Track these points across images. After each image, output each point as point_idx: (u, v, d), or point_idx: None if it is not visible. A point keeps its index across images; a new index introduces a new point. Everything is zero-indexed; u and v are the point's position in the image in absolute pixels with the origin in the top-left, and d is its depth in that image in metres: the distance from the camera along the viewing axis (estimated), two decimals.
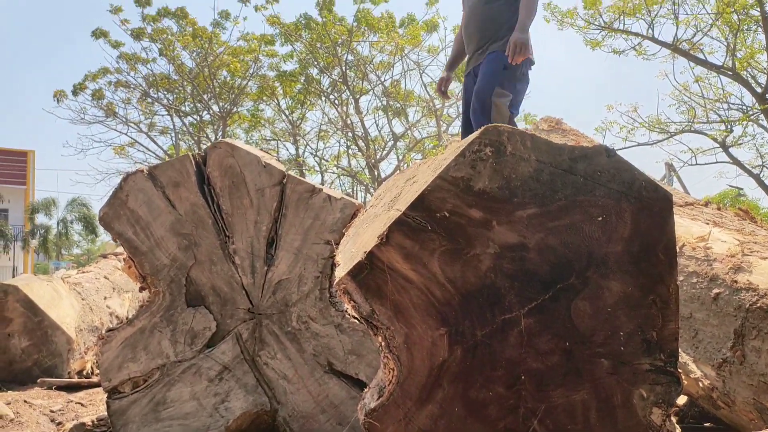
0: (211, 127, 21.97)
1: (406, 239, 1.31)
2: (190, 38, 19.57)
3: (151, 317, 1.89)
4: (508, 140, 1.28)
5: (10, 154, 40.74)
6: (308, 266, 1.86)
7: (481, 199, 1.27)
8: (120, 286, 5.20)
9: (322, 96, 20.09)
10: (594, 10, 15.96)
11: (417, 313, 1.32)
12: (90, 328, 4.38)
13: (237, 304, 1.90)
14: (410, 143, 19.52)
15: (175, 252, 1.89)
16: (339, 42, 18.43)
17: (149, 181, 1.90)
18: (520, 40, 3.44)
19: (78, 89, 20.60)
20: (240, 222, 1.89)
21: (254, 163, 1.88)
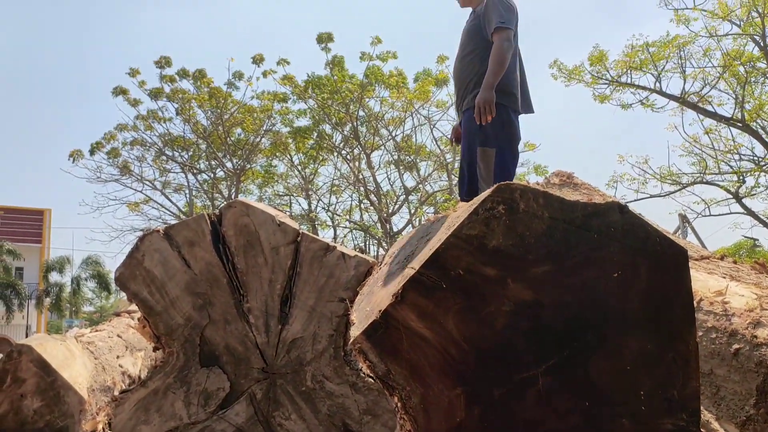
0: (225, 184, 22.26)
1: (421, 298, 1.30)
2: (205, 98, 20.07)
3: (165, 378, 1.88)
4: (520, 198, 1.29)
5: (27, 212, 41.35)
6: (323, 324, 1.85)
7: (496, 256, 1.27)
8: (133, 344, 5.18)
9: (334, 151, 20.38)
10: (600, 65, 16.23)
11: (433, 372, 1.31)
12: (102, 388, 4.34)
13: (251, 364, 1.89)
14: (422, 197, 19.63)
15: (190, 311, 1.89)
16: (351, 99, 18.81)
17: (165, 240, 1.92)
18: (483, 100, 3.41)
19: (95, 149, 21.06)
20: (254, 280, 1.90)
21: (269, 222, 1.90)
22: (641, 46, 16.23)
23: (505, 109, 3.54)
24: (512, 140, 3.58)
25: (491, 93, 3.41)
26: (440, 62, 18.43)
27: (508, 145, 3.52)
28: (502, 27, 3.46)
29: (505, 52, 3.44)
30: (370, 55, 18.31)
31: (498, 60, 3.45)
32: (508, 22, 3.49)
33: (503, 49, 3.44)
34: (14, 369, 4.17)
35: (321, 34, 18.03)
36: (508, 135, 3.54)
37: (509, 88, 3.57)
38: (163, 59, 20.00)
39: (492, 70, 3.44)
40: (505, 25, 3.47)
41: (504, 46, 3.44)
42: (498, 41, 3.47)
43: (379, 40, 18.16)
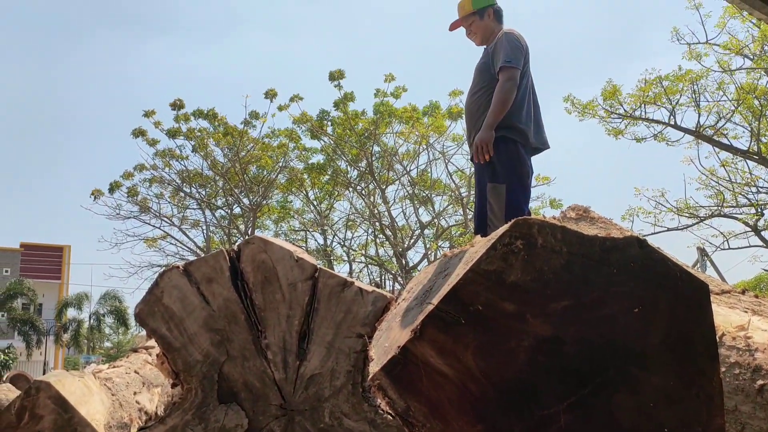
0: (241, 220, 22.43)
1: (440, 333, 1.30)
2: (221, 135, 20.40)
3: (183, 415, 1.87)
4: (538, 233, 1.29)
5: (47, 249, 41.88)
6: (341, 360, 1.85)
7: (514, 291, 1.27)
8: (150, 380, 5.17)
9: (349, 187, 20.50)
10: (614, 100, 16.30)
11: (453, 409, 1.30)
12: (119, 424, 4.33)
13: (269, 400, 1.88)
14: (437, 231, 19.63)
15: (208, 348, 1.90)
16: (364, 135, 19.02)
17: (184, 277, 1.93)
18: (480, 140, 3.46)
19: (114, 187, 21.41)
20: (272, 316, 1.90)
21: (286, 258, 1.91)
22: (654, 80, 16.30)
23: (515, 144, 3.55)
24: (522, 175, 3.58)
25: (490, 133, 3.45)
26: (453, 96, 18.63)
27: (518, 180, 3.52)
28: (507, 66, 3.51)
29: (507, 92, 3.48)
30: (384, 91, 18.56)
31: (500, 99, 3.49)
32: (514, 61, 3.53)
33: (506, 88, 3.47)
34: (32, 406, 4.18)
35: (333, 72, 18.33)
36: (518, 170, 3.55)
37: (518, 124, 3.59)
38: (178, 101, 20.46)
39: (493, 109, 3.48)
40: (511, 64, 3.51)
41: (507, 85, 3.48)
42: (501, 80, 3.52)
43: (392, 77, 18.43)
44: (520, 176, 3.55)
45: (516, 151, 3.56)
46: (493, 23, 4.01)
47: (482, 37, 4.09)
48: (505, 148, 3.52)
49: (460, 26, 4.16)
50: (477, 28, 4.07)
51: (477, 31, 4.09)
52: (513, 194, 3.46)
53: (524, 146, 3.64)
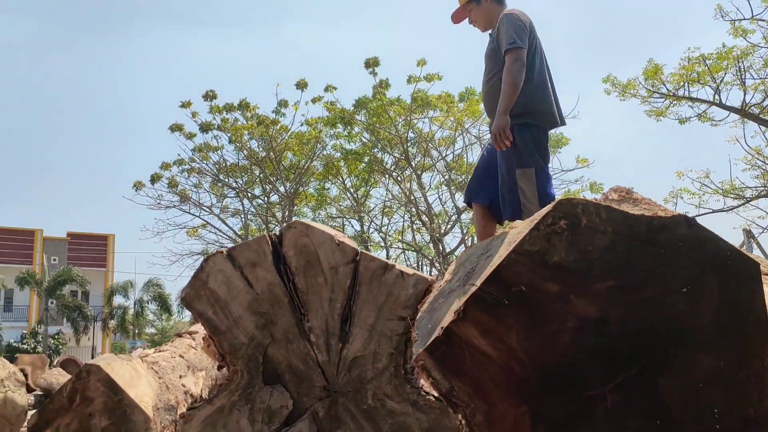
0: (279, 207, 22.67)
1: (483, 314, 1.30)
2: (254, 125, 20.58)
3: (230, 396, 1.92)
4: (582, 212, 1.28)
5: (93, 238, 43.07)
6: (382, 343, 1.86)
7: (558, 272, 1.26)
8: (194, 364, 5.30)
9: (385, 173, 20.51)
10: (656, 79, 15.88)
11: (497, 389, 1.30)
12: (166, 406, 4.45)
13: (313, 382, 1.91)
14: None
15: (253, 331, 1.94)
16: (398, 122, 18.97)
17: (228, 261, 1.97)
18: (497, 127, 3.43)
19: (155, 178, 21.86)
20: (315, 300, 1.93)
21: (328, 242, 1.93)
22: (697, 58, 15.83)
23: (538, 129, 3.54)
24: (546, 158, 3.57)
25: (504, 118, 3.42)
26: None
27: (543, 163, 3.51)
28: (511, 48, 3.47)
29: (516, 73, 3.44)
30: (417, 77, 18.45)
31: (509, 82, 3.46)
32: (518, 41, 3.48)
33: (513, 70, 3.44)
34: (83, 388, 4.33)
35: (368, 59, 18.32)
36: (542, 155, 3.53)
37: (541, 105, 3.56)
38: (210, 92, 20.70)
39: (504, 94, 3.45)
40: (515, 45, 3.47)
41: (514, 67, 3.44)
42: (508, 63, 3.47)
43: (424, 62, 18.30)
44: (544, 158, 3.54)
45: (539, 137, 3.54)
46: (492, 7, 3.92)
47: (485, 23, 4.02)
48: (529, 133, 3.50)
49: (464, 17, 4.09)
50: (477, 14, 4.01)
51: (478, 18, 4.02)
52: (540, 178, 3.45)
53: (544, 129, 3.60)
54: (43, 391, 7.88)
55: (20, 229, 41.23)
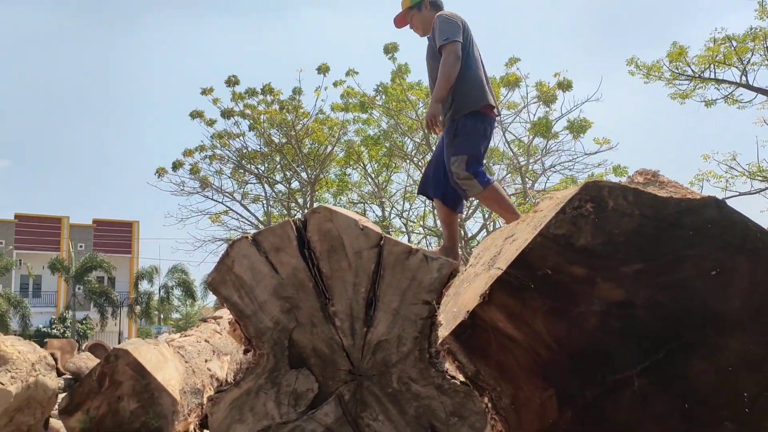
0: (300, 193, 22.75)
1: (509, 298, 1.30)
2: (276, 111, 20.59)
3: (256, 379, 1.95)
4: (609, 195, 1.26)
5: (118, 225, 43.69)
6: (407, 327, 1.87)
7: (584, 255, 1.25)
8: (219, 348, 5.37)
9: (406, 158, 20.46)
10: (680, 61, 15.57)
11: (523, 373, 1.30)
12: (193, 390, 4.52)
13: (338, 366, 1.93)
14: None
15: (278, 315, 1.96)
16: (419, 106, 18.86)
17: (253, 246, 1.99)
18: (428, 114, 3.70)
19: (177, 165, 22.04)
20: (339, 284, 1.94)
21: (352, 227, 1.94)
22: (723, 39, 15.49)
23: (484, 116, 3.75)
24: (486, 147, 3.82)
25: (436, 106, 3.66)
26: (510, 64, 18.20)
27: (477, 154, 3.72)
28: (446, 43, 3.70)
29: (451, 65, 3.66)
30: None
31: (444, 73, 3.67)
32: (452, 36, 3.71)
33: (448, 63, 3.66)
34: (112, 372, 4.41)
35: (387, 45, 18.19)
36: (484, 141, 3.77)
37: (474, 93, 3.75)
38: (232, 78, 20.74)
39: (439, 84, 3.67)
40: (449, 40, 3.70)
41: (449, 60, 3.66)
42: (444, 56, 3.70)
43: None
44: (480, 150, 3.76)
45: (482, 126, 3.74)
46: (431, 14, 4.12)
47: (423, 29, 4.23)
48: (473, 121, 3.72)
49: (406, 23, 4.30)
50: (417, 21, 4.22)
51: (417, 24, 4.24)
52: (474, 158, 3.67)
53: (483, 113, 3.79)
54: (73, 375, 8.05)
55: (47, 216, 41.98)
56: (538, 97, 17.90)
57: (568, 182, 17.96)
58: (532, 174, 19.17)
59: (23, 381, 4.19)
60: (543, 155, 18.63)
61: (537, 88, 17.87)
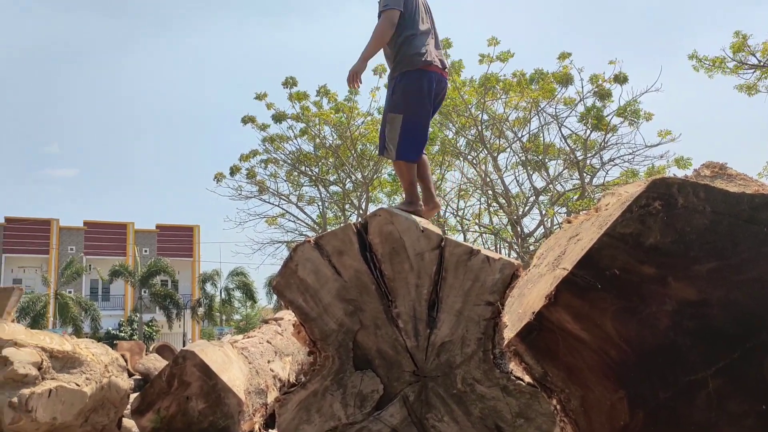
0: (354, 194, 22.91)
1: (575, 299, 1.29)
2: (330, 113, 20.79)
3: (323, 380, 1.98)
4: (678, 192, 1.24)
5: (180, 229, 45.04)
6: (470, 328, 1.87)
7: (654, 254, 1.23)
8: (281, 349, 5.48)
9: (459, 156, 20.33)
10: (744, 52, 14.91)
11: (592, 374, 1.29)
12: (257, 390, 4.63)
13: (402, 367, 1.95)
14: (553, 197, 19.06)
15: (342, 317, 1.99)
16: (472, 104, 18.69)
17: (316, 250, 2.03)
18: (350, 70, 4.04)
19: (234, 170, 22.54)
20: (401, 286, 1.95)
21: (412, 229, 1.95)
22: None
23: (418, 73, 3.91)
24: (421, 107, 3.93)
25: (359, 64, 3.94)
26: (562, 59, 17.83)
27: (415, 112, 3.89)
28: (383, 10, 3.98)
29: (382, 29, 3.94)
30: (489, 56, 18.10)
31: (374, 36, 4.00)
32: (391, 5, 3.95)
33: (379, 28, 3.96)
34: (180, 373, 4.55)
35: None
36: (417, 102, 3.91)
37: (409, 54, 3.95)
38: (290, 79, 21.04)
39: (367, 44, 3.98)
40: (387, 7, 3.95)
41: (383, 24, 3.96)
42: (379, 21, 3.99)
43: (496, 41, 17.90)
44: (422, 108, 3.92)
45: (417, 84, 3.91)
46: None
47: None
48: (406, 82, 3.91)
49: None
50: None
51: None
52: (409, 124, 3.85)
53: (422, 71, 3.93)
54: (142, 376, 8.33)
55: (114, 223, 43.66)
56: (593, 92, 17.49)
57: (628, 176, 17.46)
58: (590, 168, 18.75)
59: (97, 382, 4.38)
60: (601, 149, 18.18)
61: (592, 81, 17.46)
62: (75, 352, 4.29)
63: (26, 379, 3.71)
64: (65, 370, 4.27)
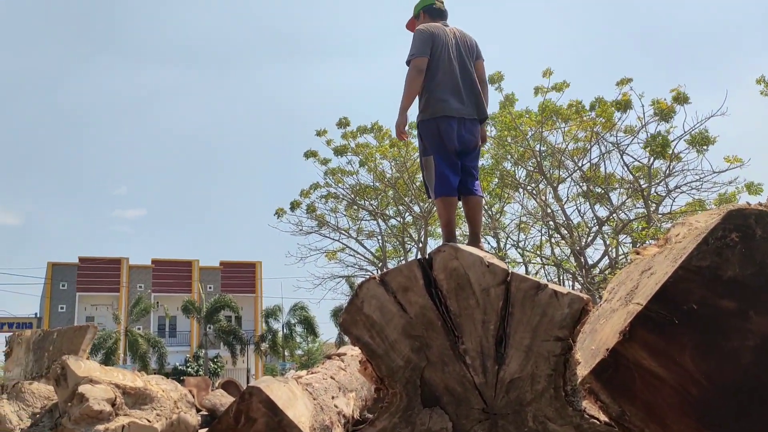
0: (414, 227, 22.95)
1: (651, 334, 1.25)
2: (387, 148, 21.03)
3: (391, 418, 1.98)
4: (756, 223, 1.20)
5: (242, 266, 46.03)
6: (540, 364, 1.84)
7: (733, 288, 1.19)
8: (345, 385, 5.47)
9: (518, 188, 20.13)
10: None
11: (672, 413, 1.24)
12: (322, 427, 4.62)
13: (471, 404, 1.92)
14: (617, 227, 18.57)
15: (409, 354, 1.99)
16: (529, 135, 18.55)
17: (381, 287, 2.04)
18: (395, 125, 4.29)
19: (294, 205, 23.00)
20: (468, 322, 1.94)
21: (478, 264, 1.95)
22: None
23: (434, 121, 4.12)
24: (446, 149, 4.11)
25: (400, 118, 4.21)
26: (621, 84, 17.51)
27: (442, 153, 4.11)
28: (409, 59, 4.20)
29: (409, 81, 4.14)
30: (544, 88, 17.97)
31: (405, 87, 4.17)
32: (417, 53, 4.16)
33: (407, 79, 4.16)
34: (247, 409, 4.60)
35: (492, 75, 18.11)
36: (442, 145, 4.12)
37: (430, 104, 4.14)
38: (343, 119, 21.52)
39: (402, 98, 4.17)
40: (413, 57, 4.17)
41: (410, 74, 4.16)
42: (407, 71, 4.19)
43: (550, 72, 17.77)
44: (445, 149, 4.10)
45: (435, 129, 4.09)
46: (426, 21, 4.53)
47: None
48: (426, 128, 4.13)
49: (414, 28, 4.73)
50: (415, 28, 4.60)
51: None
52: (438, 165, 4.05)
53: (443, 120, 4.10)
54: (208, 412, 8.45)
55: (180, 260, 45.02)
56: (655, 114, 17.06)
57: (695, 205, 16.86)
58: (655, 197, 18.21)
59: (167, 418, 4.47)
60: (666, 176, 17.65)
61: (653, 105, 17.04)
62: (146, 389, 4.41)
63: (101, 416, 3.83)
64: (137, 406, 4.39)
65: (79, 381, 3.92)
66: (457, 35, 4.37)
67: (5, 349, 5.25)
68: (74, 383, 3.31)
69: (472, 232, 4.30)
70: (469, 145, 4.20)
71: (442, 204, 4.10)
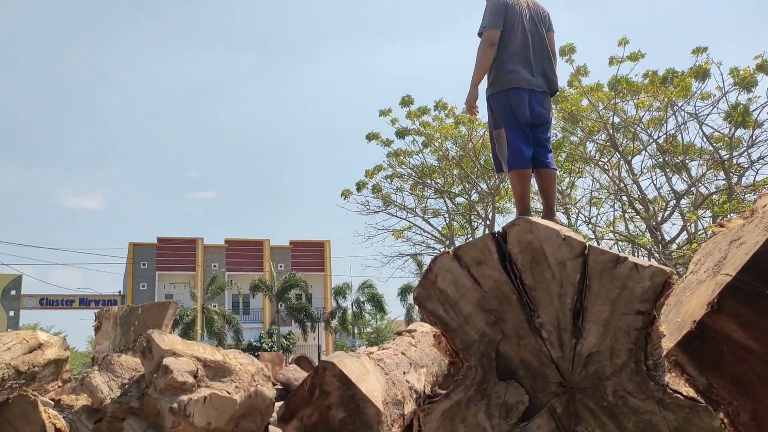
0: (480, 205, 22.75)
1: (741, 306, 1.21)
2: (451, 126, 20.84)
3: (466, 391, 1.99)
4: None
5: (312, 245, 46.96)
6: (619, 338, 1.80)
7: None
8: (415, 361, 5.52)
9: (590, 162, 19.58)
10: None
11: (762, 386, 1.20)
12: (394, 401, 4.69)
13: (547, 378, 1.91)
14: (696, 200, 17.80)
15: (483, 327, 1.99)
16: (599, 106, 17.95)
17: (455, 261, 2.05)
18: (466, 99, 4.22)
19: (360, 186, 23.19)
20: (543, 296, 1.92)
21: (553, 237, 1.92)
22: None
23: (504, 93, 4.06)
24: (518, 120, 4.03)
25: (471, 92, 4.12)
26: (697, 54, 16.63)
27: (513, 125, 4.02)
28: (480, 32, 4.11)
29: (481, 54, 4.06)
30: (619, 58, 17.28)
31: (476, 61, 4.11)
32: (488, 26, 4.06)
33: (479, 52, 4.08)
34: (321, 383, 4.73)
35: (563, 47, 17.56)
36: (514, 117, 4.03)
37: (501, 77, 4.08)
38: (406, 97, 21.41)
39: (473, 71, 4.12)
40: (484, 29, 4.08)
41: (481, 48, 4.08)
42: (479, 45, 4.11)
43: (626, 41, 17.06)
44: (516, 121, 4.02)
45: (506, 100, 4.03)
46: None
47: None
48: (497, 100, 4.07)
49: None
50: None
51: None
52: (510, 137, 3.98)
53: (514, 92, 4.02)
54: (283, 386, 8.72)
55: (251, 240, 46.34)
56: (735, 84, 16.15)
57: None
58: (737, 168, 17.32)
59: (245, 390, 4.65)
60: (748, 147, 16.73)
61: (732, 74, 16.13)
62: (225, 362, 4.58)
63: (184, 387, 4.02)
64: (217, 379, 4.57)
65: (163, 354, 4.13)
66: (530, 5, 4.26)
67: (95, 323, 5.56)
68: (159, 356, 3.48)
69: (546, 204, 4.20)
70: (541, 118, 4.11)
71: (516, 176, 4.02)
